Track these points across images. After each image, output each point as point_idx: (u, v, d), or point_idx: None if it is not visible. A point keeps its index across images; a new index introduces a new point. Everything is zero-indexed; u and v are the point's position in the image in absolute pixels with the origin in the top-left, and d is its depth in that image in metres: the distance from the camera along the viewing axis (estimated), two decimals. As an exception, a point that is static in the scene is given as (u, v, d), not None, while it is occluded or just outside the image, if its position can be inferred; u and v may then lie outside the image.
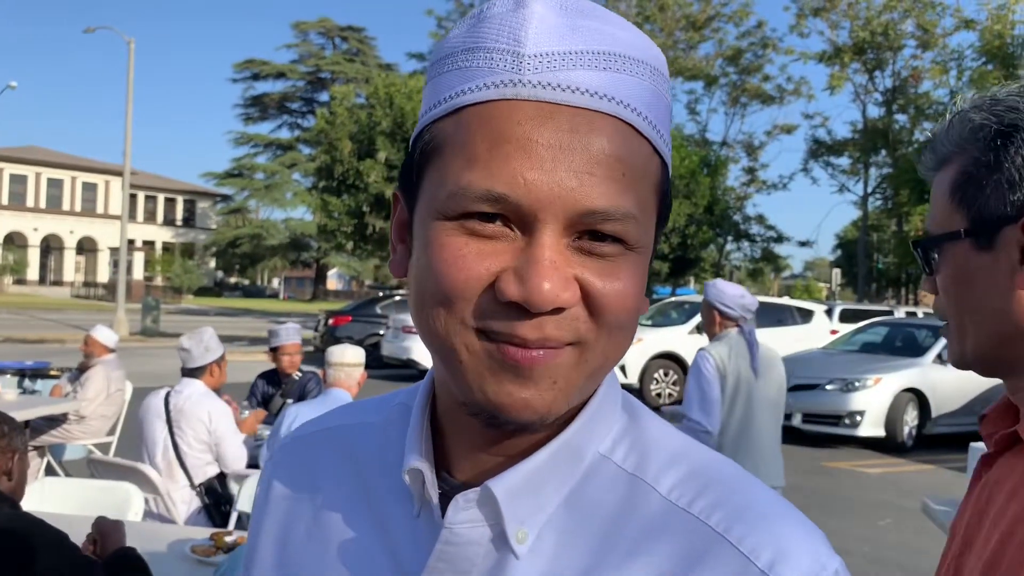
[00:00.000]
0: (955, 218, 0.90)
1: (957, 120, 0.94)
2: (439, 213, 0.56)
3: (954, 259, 0.90)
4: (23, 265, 53.15)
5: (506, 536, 0.59)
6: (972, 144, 0.90)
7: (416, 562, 0.62)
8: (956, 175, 0.91)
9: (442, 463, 0.64)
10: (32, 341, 20.66)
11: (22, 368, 7.67)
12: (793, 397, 10.25)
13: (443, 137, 0.57)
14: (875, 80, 33.80)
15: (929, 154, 0.96)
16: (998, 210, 0.87)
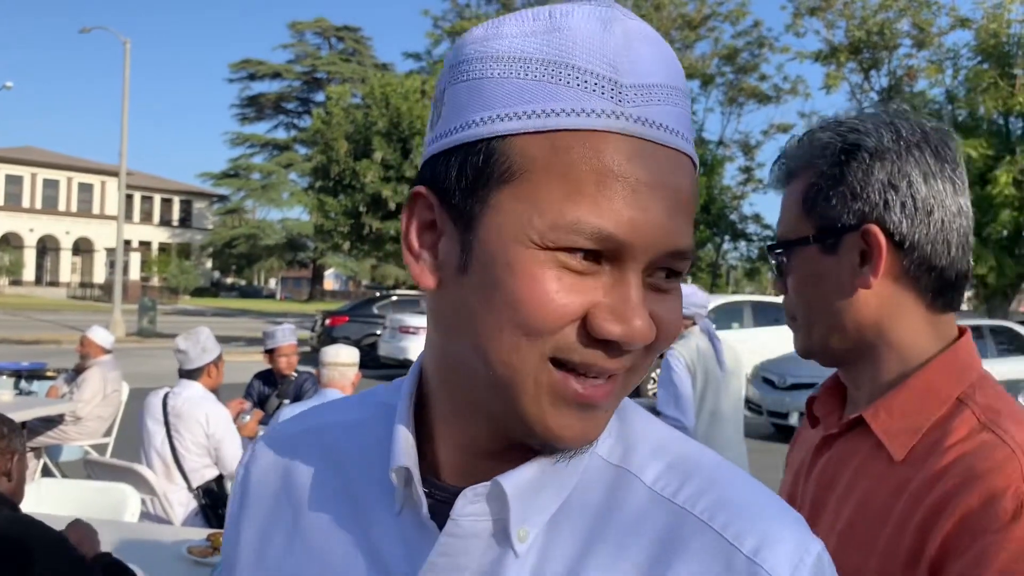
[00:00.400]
0: (804, 225, 1.00)
1: (806, 139, 1.04)
2: (531, 241, 0.54)
3: (804, 262, 1.01)
4: (19, 266, 53.06)
5: (508, 533, 0.60)
6: (820, 159, 1.01)
7: (399, 559, 0.62)
8: (806, 187, 1.01)
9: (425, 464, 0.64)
10: (28, 342, 20.61)
11: (18, 369, 7.66)
12: (791, 396, 10.26)
13: (532, 157, 0.54)
14: (871, 79, 33.86)
15: (779, 169, 1.06)
16: (841, 218, 0.98)
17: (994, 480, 0.87)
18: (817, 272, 1.00)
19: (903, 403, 0.98)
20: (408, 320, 15.38)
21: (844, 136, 1.00)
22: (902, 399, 0.99)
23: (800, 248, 1.00)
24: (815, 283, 1.01)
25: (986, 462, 0.89)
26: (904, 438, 0.97)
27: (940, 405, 0.97)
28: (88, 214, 57.02)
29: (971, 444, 0.92)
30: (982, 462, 0.89)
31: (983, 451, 0.91)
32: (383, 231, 23.34)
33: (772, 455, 9.57)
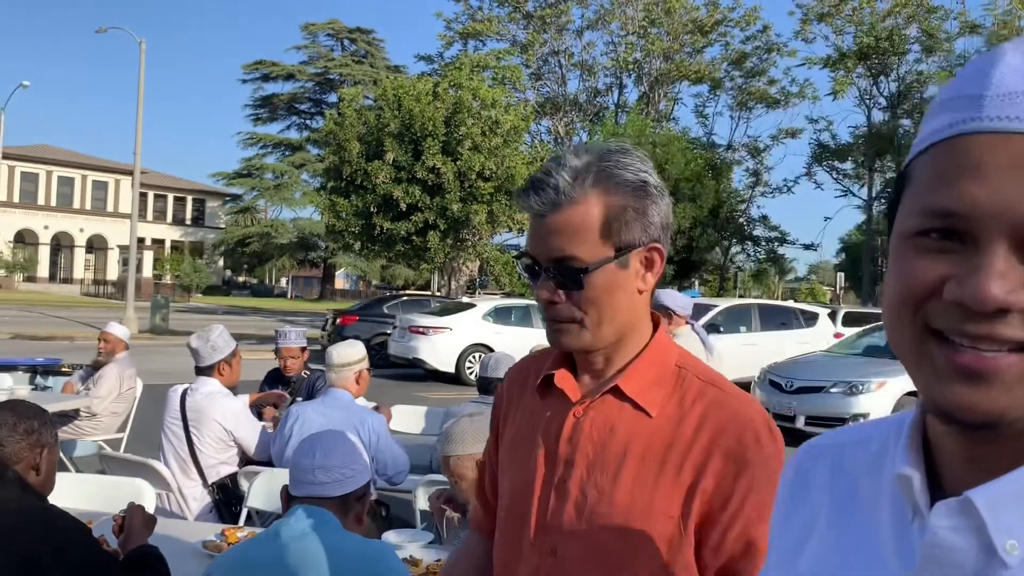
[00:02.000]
0: (605, 248, 1.20)
1: (583, 169, 1.21)
2: (901, 234, 0.63)
3: (603, 276, 1.20)
4: (33, 263, 53.42)
5: (993, 546, 0.59)
6: (615, 192, 1.21)
7: (905, 565, 0.65)
8: (604, 215, 1.20)
9: (934, 474, 0.67)
10: (42, 338, 20.81)
11: (34, 364, 7.77)
12: (797, 400, 10.30)
13: (912, 171, 0.64)
14: (880, 85, 33.76)
15: (547, 193, 1.20)
16: (633, 240, 1.22)
17: (738, 423, 1.18)
18: (614, 283, 1.22)
19: (643, 371, 1.25)
20: (417, 320, 15.47)
21: (636, 172, 1.23)
22: (643, 369, 1.25)
23: (602, 266, 1.20)
24: (611, 292, 1.21)
25: (724, 411, 1.19)
26: (651, 397, 1.23)
27: (668, 371, 1.26)
28: (102, 212, 57.37)
29: (708, 399, 1.21)
30: (721, 411, 1.19)
31: (720, 404, 1.20)
32: (394, 232, 23.41)
33: (777, 459, 9.62)
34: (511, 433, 1.37)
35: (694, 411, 1.20)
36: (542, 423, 1.30)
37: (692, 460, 1.17)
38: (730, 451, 1.16)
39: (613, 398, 1.24)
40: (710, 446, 1.17)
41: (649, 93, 35.90)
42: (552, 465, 1.26)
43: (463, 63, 27.62)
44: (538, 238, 1.23)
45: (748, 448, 1.16)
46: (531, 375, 1.38)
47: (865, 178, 35.41)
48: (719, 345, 13.27)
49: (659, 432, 1.20)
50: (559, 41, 36.85)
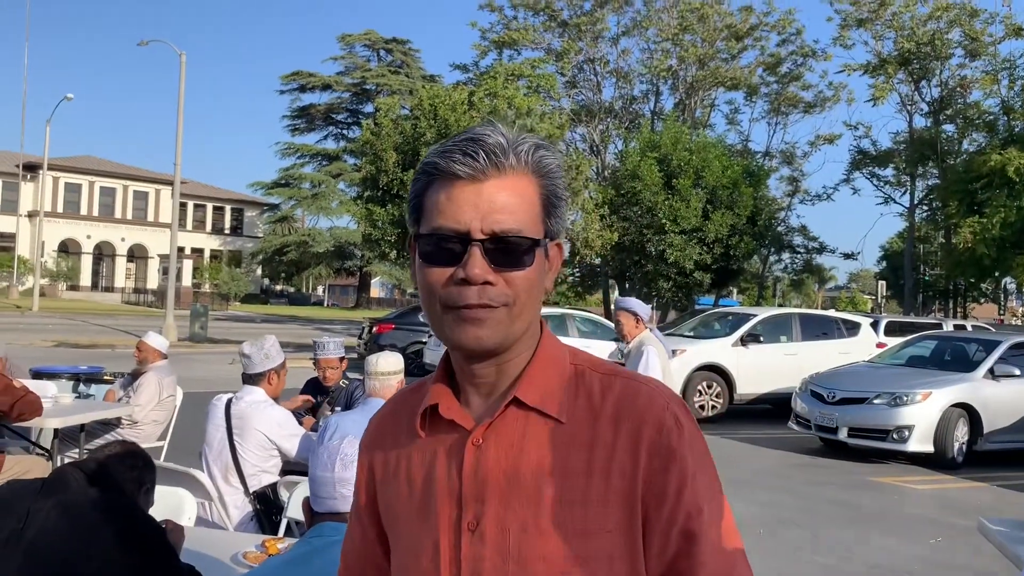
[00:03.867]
0: (539, 228, 1.07)
1: (522, 141, 1.07)
2: None
3: (539, 259, 1.07)
4: (76, 271, 54.45)
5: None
6: (547, 175, 1.09)
7: None
8: (542, 196, 1.08)
9: None
10: (84, 346, 21.16)
11: (76, 373, 7.87)
12: (840, 411, 10.11)
13: None
14: (921, 90, 33.22)
15: (488, 154, 1.04)
16: (556, 230, 1.10)
17: (654, 410, 1.05)
18: (541, 270, 1.07)
19: (542, 375, 1.09)
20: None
21: (559, 163, 1.11)
22: (540, 372, 1.10)
23: (535, 246, 1.06)
24: (539, 279, 1.07)
25: (639, 399, 1.07)
26: (555, 403, 1.08)
27: (566, 370, 1.11)
28: (143, 222, 58.33)
29: (617, 392, 1.08)
30: (636, 401, 1.06)
31: (630, 394, 1.07)
32: (429, 241, 23.48)
33: (822, 470, 9.46)
34: (390, 492, 1.16)
35: (606, 407, 1.06)
36: (432, 465, 1.11)
37: (618, 462, 1.03)
38: (654, 443, 1.04)
39: (515, 412, 1.07)
40: (634, 442, 1.04)
41: (685, 100, 35.69)
42: (457, 509, 1.07)
43: (498, 72, 27.67)
44: (469, 206, 1.03)
45: (671, 434, 1.04)
46: (401, 419, 1.18)
47: (907, 185, 34.85)
48: (760, 355, 13.19)
49: (575, 439, 1.05)
50: (594, 49, 36.78)
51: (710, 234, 24.60)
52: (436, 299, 1.05)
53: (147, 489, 2.62)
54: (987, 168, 25.16)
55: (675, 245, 24.35)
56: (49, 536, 2.24)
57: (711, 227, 24.56)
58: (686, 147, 25.66)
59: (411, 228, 1.11)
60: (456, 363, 1.12)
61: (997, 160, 24.78)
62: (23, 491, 2.37)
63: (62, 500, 2.32)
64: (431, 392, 1.14)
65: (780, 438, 11.21)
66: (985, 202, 25.67)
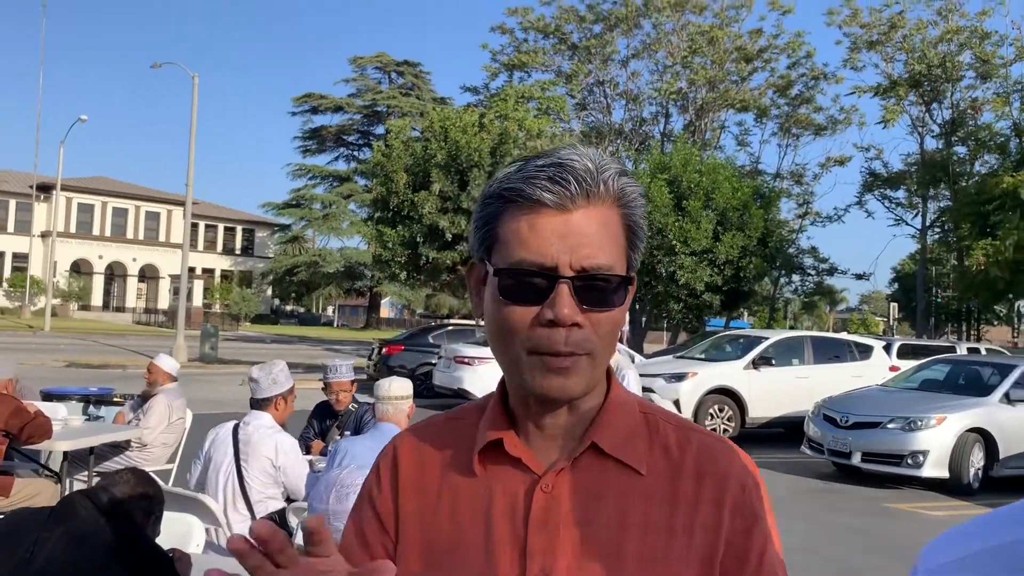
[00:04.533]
0: (624, 263, 0.98)
1: (608, 165, 0.97)
2: None
3: (625, 299, 0.98)
4: (88, 291, 54.70)
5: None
6: (629, 205, 0.99)
7: None
8: (627, 226, 0.99)
9: None
10: (95, 366, 21.21)
11: (87, 394, 7.86)
12: (853, 435, 10.01)
13: None
14: (932, 112, 33.21)
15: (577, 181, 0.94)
16: (636, 265, 1.01)
17: (735, 470, 1.01)
18: (625, 310, 0.99)
19: (616, 421, 1.02)
20: (463, 350, 15.43)
21: (641, 191, 1.02)
22: (614, 418, 1.02)
23: (625, 284, 0.98)
24: (619, 321, 0.99)
25: (720, 457, 1.02)
26: (634, 451, 1.01)
27: (634, 419, 1.04)
28: (154, 242, 58.64)
29: (696, 447, 1.02)
30: (717, 458, 1.01)
31: (710, 451, 1.02)
32: (440, 261, 23.52)
33: (835, 495, 9.36)
34: (428, 533, 1.03)
35: (686, 463, 1.01)
36: (488, 509, 1.00)
37: (701, 521, 0.98)
38: (737, 503, 0.99)
39: (591, 459, 1.00)
40: (717, 501, 0.99)
41: (695, 121, 35.79)
42: (520, 560, 0.97)
43: (508, 94, 27.82)
44: (557, 239, 0.93)
45: (752, 495, 1.01)
46: (445, 449, 1.07)
47: (918, 207, 34.76)
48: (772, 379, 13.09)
49: (656, 493, 0.99)
50: (604, 71, 36.99)
51: (720, 255, 24.55)
52: (516, 340, 0.96)
53: (156, 519, 2.61)
54: (999, 190, 25.09)
55: (685, 266, 24.30)
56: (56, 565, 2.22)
57: (721, 248, 24.50)
58: (696, 168, 25.66)
59: (477, 255, 1.02)
60: (523, 403, 1.03)
61: (1009, 182, 24.71)
62: (31, 520, 2.36)
63: (70, 529, 2.30)
64: (489, 425, 1.04)
65: (793, 463, 11.10)
66: (998, 224, 25.58)
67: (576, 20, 36.98)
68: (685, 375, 13.03)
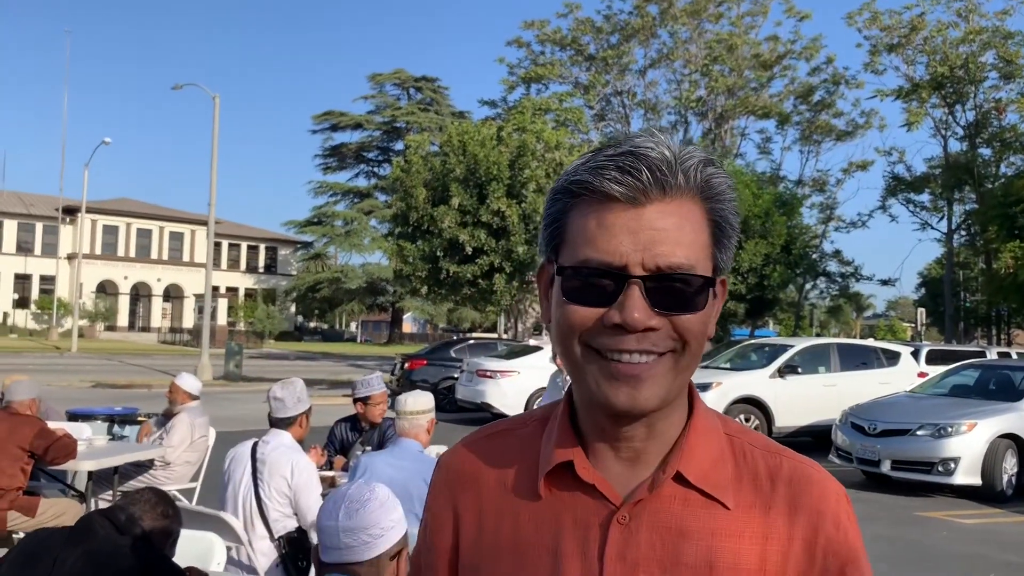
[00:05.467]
0: (709, 263, 0.89)
1: (690, 156, 0.88)
2: None
3: (711, 302, 0.89)
4: (114, 312, 55.31)
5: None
6: (717, 198, 0.90)
7: None
8: (713, 222, 0.89)
9: None
10: (121, 386, 21.38)
11: (111, 414, 7.90)
12: (882, 443, 9.85)
13: None
14: (955, 114, 32.88)
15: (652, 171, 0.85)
16: (725, 265, 0.91)
17: (829, 503, 0.92)
18: (710, 314, 0.89)
19: (701, 447, 0.92)
20: (485, 364, 15.40)
21: (731, 183, 0.91)
22: (699, 443, 0.92)
23: (707, 286, 0.88)
24: (705, 326, 0.89)
25: (813, 489, 0.92)
26: (720, 482, 0.91)
27: (720, 443, 0.94)
28: (179, 262, 59.23)
29: (786, 476, 0.92)
30: (811, 490, 0.92)
31: (802, 482, 0.92)
32: (460, 275, 23.54)
33: (863, 504, 9.19)
34: (487, 563, 0.95)
35: (777, 495, 0.91)
36: (557, 539, 0.91)
37: (794, 560, 0.89)
38: (832, 541, 0.90)
39: (672, 489, 0.90)
40: (811, 538, 0.90)
41: (715, 129, 35.69)
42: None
43: (526, 107, 27.91)
44: (628, 235, 0.84)
45: (847, 532, 0.91)
46: (502, 467, 0.98)
47: (944, 210, 34.39)
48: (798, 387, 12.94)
49: (745, 529, 0.89)
50: (622, 81, 36.99)
51: (744, 264, 24.42)
52: (579, 344, 0.87)
53: (173, 540, 2.62)
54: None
55: (708, 276, 24.18)
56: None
57: (744, 257, 24.38)
58: (717, 177, 25.58)
59: (542, 255, 0.94)
60: (592, 417, 0.92)
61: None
62: (50, 540, 2.37)
63: (88, 549, 2.31)
64: (557, 443, 0.94)
65: (821, 471, 10.94)
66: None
67: (593, 31, 37.05)
68: (709, 385, 12.91)
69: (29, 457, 5.17)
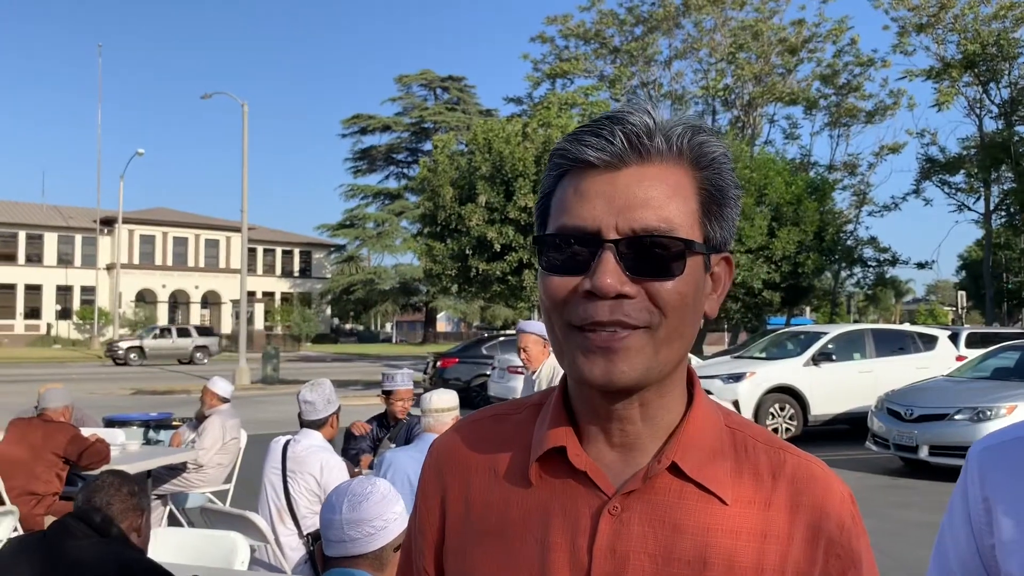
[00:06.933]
0: (696, 230, 0.84)
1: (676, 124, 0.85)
2: None
3: (696, 269, 0.84)
4: (153, 320, 56.19)
5: None
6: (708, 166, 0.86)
7: None
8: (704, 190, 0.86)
9: None
10: (161, 392, 21.74)
11: (146, 420, 8.06)
12: (919, 428, 9.70)
13: None
14: (990, 92, 32.21)
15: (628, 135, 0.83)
16: (720, 238, 0.87)
17: (832, 502, 0.88)
18: (699, 286, 0.85)
19: (698, 438, 0.88)
20: (516, 360, 15.40)
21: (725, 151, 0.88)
22: (697, 433, 0.88)
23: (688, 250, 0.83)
24: (696, 295, 0.84)
25: (816, 487, 0.88)
26: (717, 475, 0.87)
27: (720, 436, 0.90)
28: (215, 268, 60.00)
29: (789, 472, 0.89)
30: (813, 489, 0.88)
31: (805, 479, 0.89)
32: (489, 272, 23.57)
33: (901, 491, 9.07)
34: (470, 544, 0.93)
35: (778, 492, 0.87)
36: (545, 527, 0.88)
37: (793, 560, 0.85)
38: (834, 542, 0.87)
39: (667, 481, 0.86)
40: (812, 538, 0.86)
41: (743, 117, 35.35)
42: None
43: (551, 102, 27.84)
44: (602, 200, 0.82)
45: (851, 534, 0.88)
46: (489, 452, 0.95)
47: (980, 191, 33.72)
48: (834, 374, 12.78)
49: (743, 525, 0.85)
50: (647, 73, 36.77)
51: (777, 252, 24.14)
52: (557, 317, 0.84)
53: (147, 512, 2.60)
54: (1066, 169, 24.20)
55: (742, 265, 23.95)
56: None
57: (777, 244, 24.10)
58: (746, 165, 25.31)
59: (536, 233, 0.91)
60: (583, 397, 0.89)
61: (1076, 160, 23.81)
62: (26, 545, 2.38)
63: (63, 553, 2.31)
64: (549, 427, 0.90)
65: (858, 459, 10.81)
66: (1067, 204, 24.66)
67: (616, 24, 36.87)
68: (743, 375, 12.81)
69: (64, 463, 5.28)
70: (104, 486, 2.50)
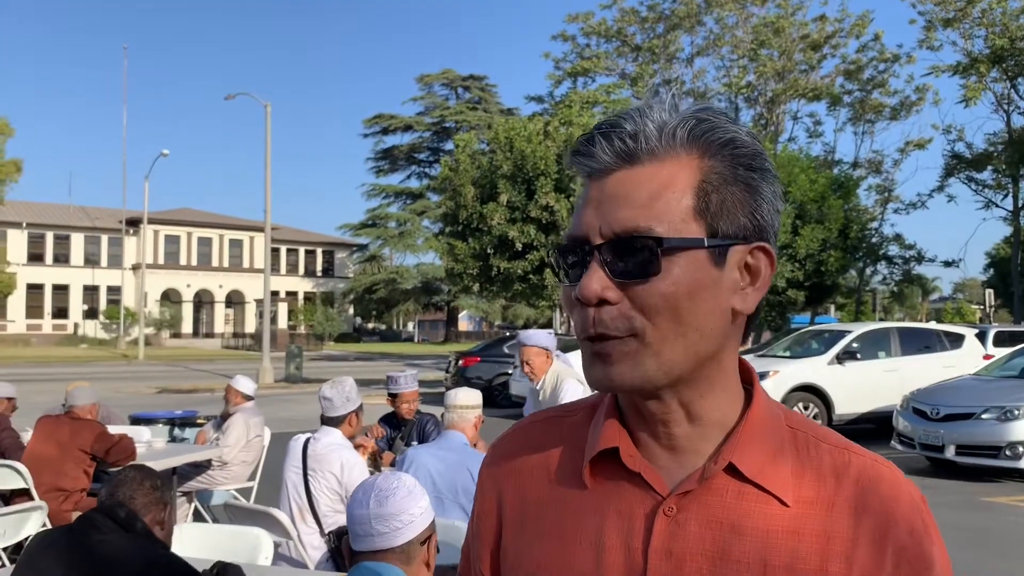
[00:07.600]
0: (694, 226, 0.81)
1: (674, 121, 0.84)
2: None
3: (687, 265, 0.80)
4: (178, 320, 56.77)
5: None
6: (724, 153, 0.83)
7: None
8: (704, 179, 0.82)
9: None
10: (186, 391, 21.95)
11: (172, 418, 8.14)
12: (945, 428, 9.60)
13: None
14: (1018, 88, 31.77)
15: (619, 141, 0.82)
16: (735, 229, 0.83)
17: (902, 506, 0.84)
18: (701, 281, 0.81)
19: (758, 438, 0.86)
20: (538, 359, 15.42)
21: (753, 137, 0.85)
22: (756, 433, 0.86)
23: (687, 252, 0.81)
24: (694, 292, 0.81)
25: (883, 488, 0.85)
26: (778, 476, 0.85)
27: (780, 436, 0.88)
28: (239, 268, 60.50)
29: (854, 473, 0.85)
30: (880, 490, 0.85)
31: (871, 480, 0.85)
32: (511, 271, 23.58)
33: (931, 491, 8.96)
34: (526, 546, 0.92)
35: (842, 493, 0.84)
36: (600, 529, 0.87)
37: (859, 564, 0.82)
38: (903, 547, 0.83)
39: (725, 482, 0.85)
40: (879, 542, 0.83)
41: (766, 114, 35.12)
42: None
43: (572, 100, 27.80)
44: (593, 207, 0.82)
45: (922, 539, 0.83)
46: (547, 454, 0.95)
47: (1008, 187, 33.27)
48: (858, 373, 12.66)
49: (804, 527, 0.83)
50: (669, 70, 36.62)
51: (801, 250, 23.96)
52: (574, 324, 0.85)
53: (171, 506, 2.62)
54: (1095, 165, 23.82)
55: (764, 263, 23.81)
56: None
57: (801, 243, 23.92)
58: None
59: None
60: (625, 400, 0.90)
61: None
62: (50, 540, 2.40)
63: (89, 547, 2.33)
64: (604, 430, 0.89)
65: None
66: (1097, 200, 24.27)
67: (638, 21, 36.75)
68: (766, 374, 12.72)
69: (91, 459, 5.35)
70: (127, 480, 2.52)
